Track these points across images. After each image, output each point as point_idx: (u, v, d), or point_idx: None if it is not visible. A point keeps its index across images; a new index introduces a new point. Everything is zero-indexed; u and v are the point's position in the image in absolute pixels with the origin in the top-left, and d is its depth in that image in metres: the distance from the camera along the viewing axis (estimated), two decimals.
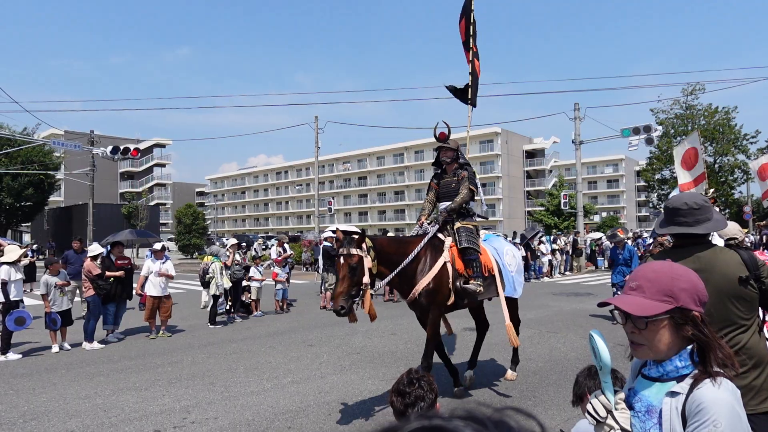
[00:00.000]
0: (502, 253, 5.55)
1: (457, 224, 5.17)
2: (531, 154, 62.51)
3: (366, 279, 4.38)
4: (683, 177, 12.10)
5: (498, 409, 0.45)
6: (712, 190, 10.64)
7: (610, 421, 1.43)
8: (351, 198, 68.68)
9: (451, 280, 4.88)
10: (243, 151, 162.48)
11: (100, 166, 27.93)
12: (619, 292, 8.34)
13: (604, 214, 54.71)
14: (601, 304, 1.52)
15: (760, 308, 2.33)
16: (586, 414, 1.49)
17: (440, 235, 5.10)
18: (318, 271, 13.22)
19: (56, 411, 5.17)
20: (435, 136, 5.46)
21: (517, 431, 0.41)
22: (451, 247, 5.03)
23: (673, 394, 1.38)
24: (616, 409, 1.45)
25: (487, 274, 5.19)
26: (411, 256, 4.74)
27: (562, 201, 25.73)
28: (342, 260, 4.37)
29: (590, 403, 1.48)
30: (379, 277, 4.64)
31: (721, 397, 1.29)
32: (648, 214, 61.33)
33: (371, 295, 4.57)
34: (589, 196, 62.25)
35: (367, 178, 67.10)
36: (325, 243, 12.37)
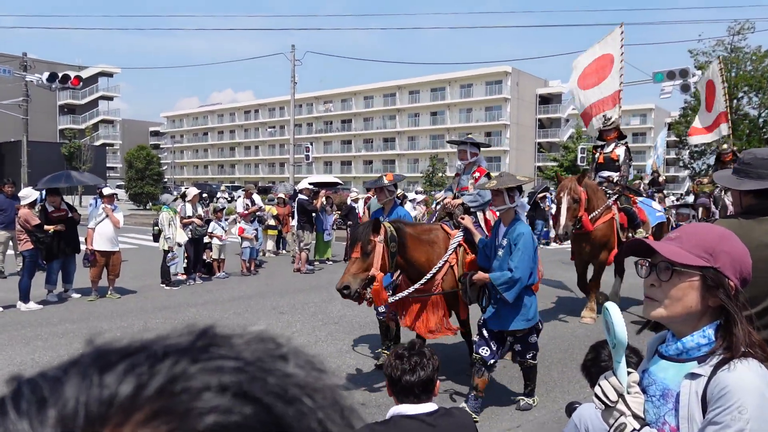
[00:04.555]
0: None
1: None
2: (545, 100, 62.03)
3: None
4: (699, 120, 10.56)
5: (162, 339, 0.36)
6: (727, 145, 9.45)
7: (620, 405, 1.45)
8: (332, 145, 68.07)
9: None
10: (205, 84, 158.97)
11: (35, 96, 27.14)
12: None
13: None
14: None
15: None
16: (594, 397, 1.51)
17: None
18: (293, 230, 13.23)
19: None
20: None
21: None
22: None
23: (693, 376, 1.40)
24: (628, 393, 1.47)
25: None
26: None
27: (579, 156, 25.79)
28: None
29: (599, 385, 1.50)
30: None
31: (748, 381, 1.31)
32: (679, 174, 61.77)
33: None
34: None
35: (352, 121, 66.35)
36: (301, 196, 12.32)
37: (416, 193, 17.94)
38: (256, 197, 13.40)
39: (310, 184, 13.56)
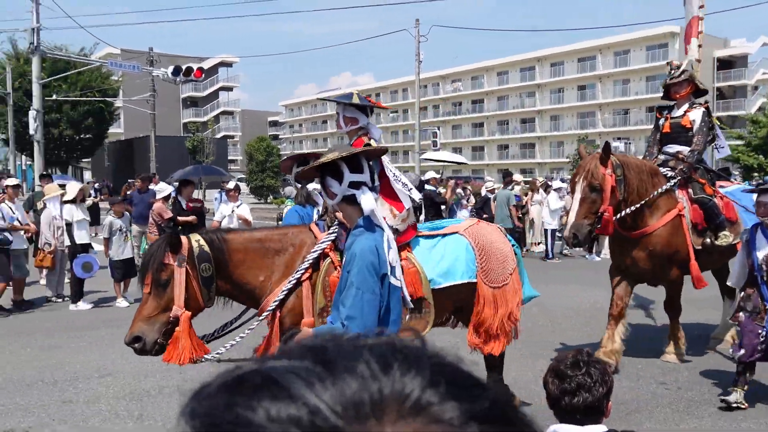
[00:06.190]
0: None
1: None
2: (726, 64, 56.90)
3: None
4: None
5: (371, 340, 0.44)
6: None
7: None
8: (462, 128, 67.93)
9: None
10: (323, 69, 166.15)
11: (161, 91, 30.21)
12: None
13: None
14: None
15: None
16: None
17: None
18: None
19: (129, 369, 6.06)
20: None
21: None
22: None
23: None
24: None
25: None
26: None
27: None
28: None
29: None
30: None
31: None
32: None
33: None
34: None
35: (484, 101, 65.71)
36: (428, 186, 12.53)
37: (561, 181, 17.44)
38: None
39: (432, 160, 13.70)
